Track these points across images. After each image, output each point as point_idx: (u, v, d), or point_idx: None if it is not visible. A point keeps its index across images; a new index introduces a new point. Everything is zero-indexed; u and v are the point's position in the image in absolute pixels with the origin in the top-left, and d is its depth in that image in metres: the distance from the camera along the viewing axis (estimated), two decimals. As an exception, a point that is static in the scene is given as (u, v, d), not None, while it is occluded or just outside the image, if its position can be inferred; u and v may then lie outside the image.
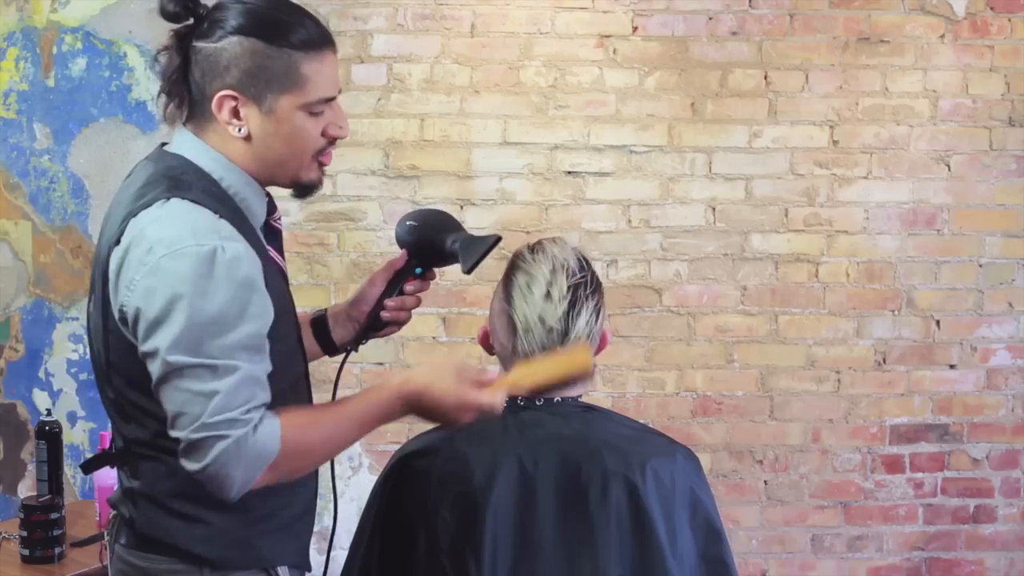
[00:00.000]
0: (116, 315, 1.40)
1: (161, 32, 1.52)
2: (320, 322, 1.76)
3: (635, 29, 3.23)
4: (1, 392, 3.31)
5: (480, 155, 3.23)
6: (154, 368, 1.35)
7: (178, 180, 1.43)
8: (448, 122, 3.23)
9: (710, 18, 3.23)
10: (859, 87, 3.26)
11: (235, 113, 1.44)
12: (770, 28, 3.24)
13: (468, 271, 1.62)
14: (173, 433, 1.35)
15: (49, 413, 2.65)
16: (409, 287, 1.71)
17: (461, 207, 3.23)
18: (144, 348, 1.36)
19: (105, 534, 1.64)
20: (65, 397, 3.28)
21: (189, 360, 1.32)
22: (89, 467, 1.58)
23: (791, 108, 3.26)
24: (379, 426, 1.49)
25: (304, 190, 1.54)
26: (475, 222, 3.22)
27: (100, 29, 3.23)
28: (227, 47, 1.42)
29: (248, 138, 1.46)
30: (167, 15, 1.45)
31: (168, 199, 1.39)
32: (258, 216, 1.53)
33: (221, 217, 1.39)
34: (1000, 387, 3.35)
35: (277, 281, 1.52)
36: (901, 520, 3.35)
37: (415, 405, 1.47)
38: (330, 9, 3.15)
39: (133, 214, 1.39)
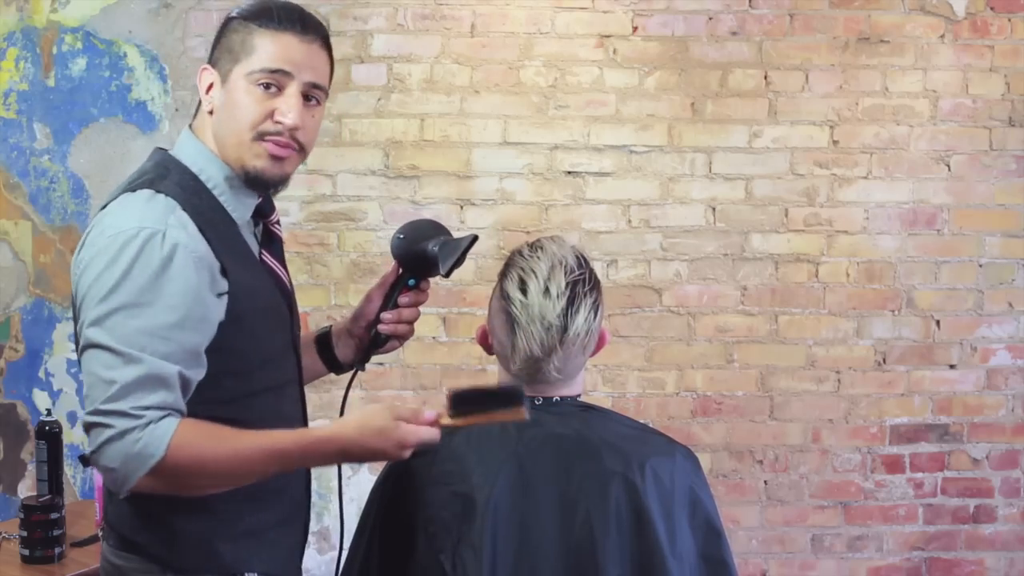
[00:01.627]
0: (73, 298, 1.44)
1: (161, 32, 1.55)
2: (323, 340, 1.76)
3: (635, 29, 3.23)
4: (1, 392, 3.31)
5: (480, 155, 3.23)
6: (77, 344, 1.39)
7: (156, 175, 1.46)
8: (448, 122, 3.23)
9: (710, 18, 3.23)
10: (859, 87, 3.26)
11: (209, 88, 1.51)
12: (770, 28, 3.24)
13: (445, 274, 1.62)
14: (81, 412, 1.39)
15: (49, 413, 2.65)
16: (403, 299, 1.71)
17: (461, 207, 3.24)
18: (76, 324, 1.40)
19: (99, 532, 1.66)
20: (65, 397, 3.28)
21: (100, 340, 1.34)
22: (87, 460, 1.59)
23: (791, 108, 3.26)
24: (300, 467, 1.47)
25: (253, 180, 1.50)
26: (475, 222, 3.22)
27: (100, 29, 3.23)
28: (220, 29, 1.52)
29: (211, 112, 1.51)
30: None
31: (135, 191, 1.42)
32: (240, 211, 1.53)
33: (184, 209, 1.41)
34: (1000, 387, 3.35)
35: (259, 281, 1.51)
36: (901, 520, 3.35)
37: (345, 457, 1.42)
38: (330, 9, 3.15)
39: (104, 206, 1.44)
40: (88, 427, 1.34)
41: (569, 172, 3.25)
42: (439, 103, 3.22)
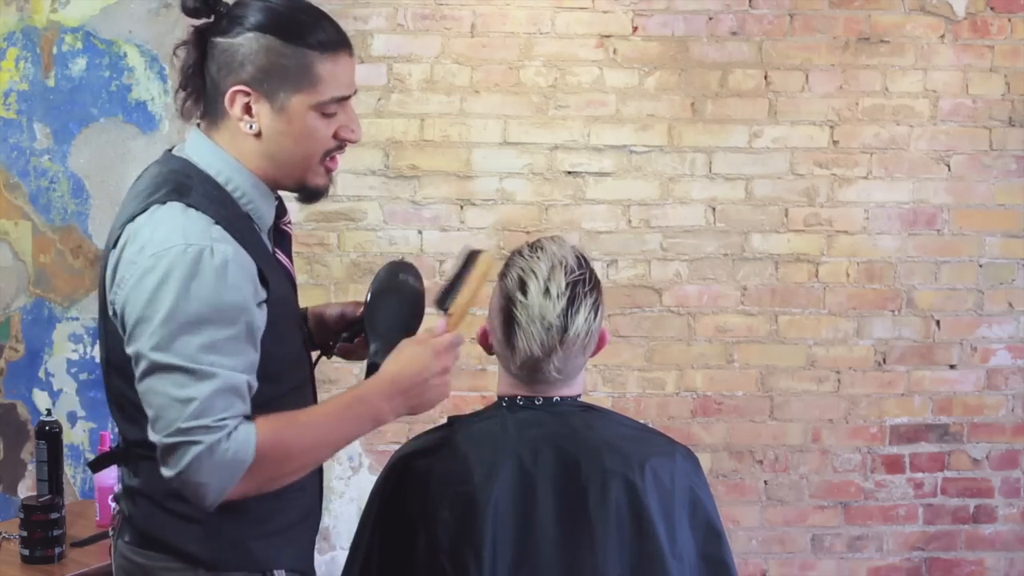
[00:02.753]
0: (110, 314, 1.41)
1: (161, 32, 1.53)
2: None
3: (635, 29, 3.23)
4: (1, 392, 3.31)
5: (480, 155, 3.23)
6: (138, 367, 1.35)
7: (178, 184, 1.43)
8: (448, 122, 3.23)
9: (710, 18, 3.23)
10: (859, 87, 3.26)
11: (247, 109, 1.45)
12: (770, 28, 3.24)
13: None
14: (151, 435, 1.34)
15: (49, 413, 2.65)
16: (339, 347, 1.74)
17: (461, 207, 3.24)
18: (129, 346, 1.37)
19: (110, 530, 1.65)
20: (65, 397, 3.28)
21: (168, 360, 1.32)
22: (96, 466, 1.59)
23: (791, 108, 3.26)
24: (366, 429, 1.48)
25: (310, 195, 1.54)
26: (475, 222, 3.23)
27: (100, 29, 3.23)
28: (244, 43, 1.43)
29: (259, 135, 1.46)
30: (188, 11, 1.46)
31: (165, 203, 1.40)
32: (266, 219, 1.53)
33: (217, 223, 1.39)
34: (1000, 387, 3.35)
35: (283, 285, 1.52)
36: (901, 520, 3.35)
37: (400, 391, 1.46)
38: (330, 9, 3.10)
39: (131, 218, 1.41)
40: (170, 448, 1.32)
41: (569, 172, 3.25)
42: (439, 103, 3.22)
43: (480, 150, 3.23)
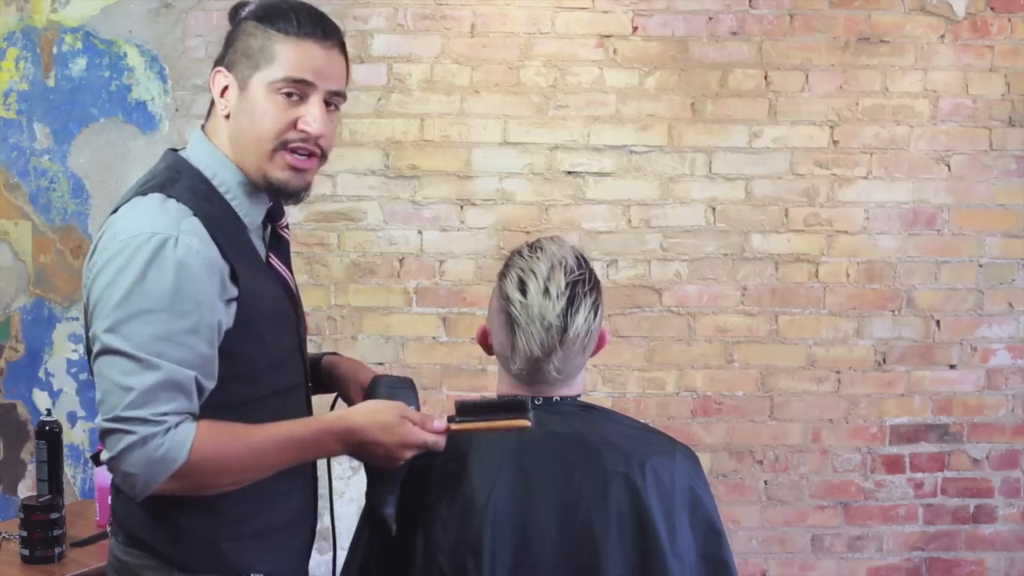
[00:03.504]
0: (84, 301, 1.43)
1: (161, 32, 1.55)
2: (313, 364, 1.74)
3: (635, 29, 3.23)
4: (1, 392, 3.31)
5: (480, 155, 3.23)
6: (92, 348, 1.38)
7: (167, 179, 1.45)
8: (448, 122, 3.23)
9: (710, 18, 3.23)
10: (859, 87, 3.26)
11: (223, 91, 1.49)
12: (770, 28, 3.24)
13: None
14: (96, 418, 1.37)
15: (49, 413, 2.65)
16: None
17: (461, 207, 3.24)
18: (89, 329, 1.39)
19: (108, 530, 1.66)
20: (65, 397, 3.28)
21: (116, 345, 1.34)
22: (99, 459, 1.60)
23: (791, 108, 3.26)
24: (312, 459, 1.48)
25: (276, 191, 1.51)
26: (475, 222, 3.22)
27: (100, 29, 3.23)
28: (231, 29, 1.50)
29: (228, 117, 1.49)
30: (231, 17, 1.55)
31: (146, 194, 1.42)
32: (252, 216, 1.52)
33: (195, 215, 1.40)
34: (1000, 387, 3.35)
35: (268, 286, 1.51)
36: (901, 520, 3.35)
37: (349, 442, 1.44)
38: (330, 9, 3.12)
39: (115, 209, 1.44)
40: (106, 432, 1.34)
41: (569, 172, 3.25)
42: (439, 103, 3.22)
43: (480, 150, 3.23)
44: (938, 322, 3.33)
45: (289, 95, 1.46)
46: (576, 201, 3.25)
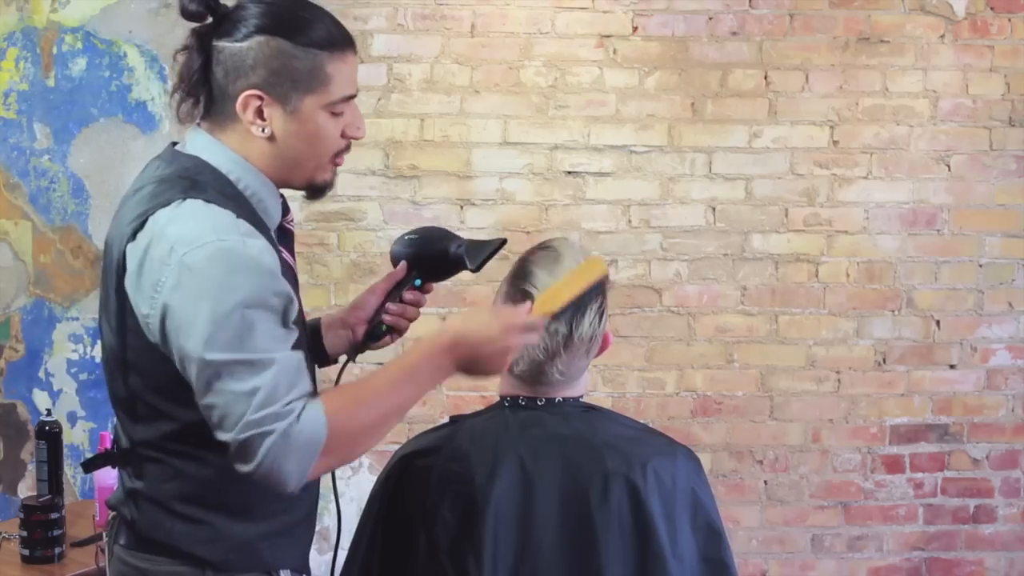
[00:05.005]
0: (140, 317, 1.38)
1: (161, 32, 1.52)
2: (312, 330, 1.74)
3: (635, 29, 3.23)
4: (1, 392, 3.31)
5: (480, 155, 3.23)
6: (192, 370, 1.33)
7: (194, 181, 1.42)
8: (448, 122, 3.23)
9: (710, 18, 3.23)
10: (859, 87, 3.26)
11: (259, 113, 1.44)
12: (770, 28, 3.24)
13: (476, 269, 1.63)
14: (220, 436, 1.32)
15: (49, 413, 2.65)
16: (408, 296, 1.73)
17: (461, 207, 3.24)
18: (177, 350, 1.34)
19: (104, 535, 1.63)
20: (65, 397, 3.28)
21: (225, 357, 1.31)
22: (90, 466, 1.58)
23: (791, 108, 3.26)
24: (430, 386, 1.46)
25: (317, 191, 1.54)
26: (475, 222, 3.22)
27: (100, 29, 3.22)
28: (253, 46, 1.42)
29: (271, 138, 1.45)
30: (188, 15, 1.43)
31: (184, 199, 1.38)
32: (273, 217, 1.52)
33: (239, 217, 1.39)
34: (1000, 387, 3.35)
35: (290, 282, 1.51)
36: (901, 520, 3.35)
37: (462, 350, 1.45)
38: (330, 9, 3.14)
39: (151, 211, 1.38)
40: (244, 443, 1.30)
41: (569, 172, 3.25)
42: (439, 103, 3.22)
43: (480, 150, 3.23)
44: (938, 322, 3.33)
45: (342, 112, 1.48)
46: (576, 201, 3.25)
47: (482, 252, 1.64)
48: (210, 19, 1.45)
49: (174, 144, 1.52)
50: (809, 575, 3.34)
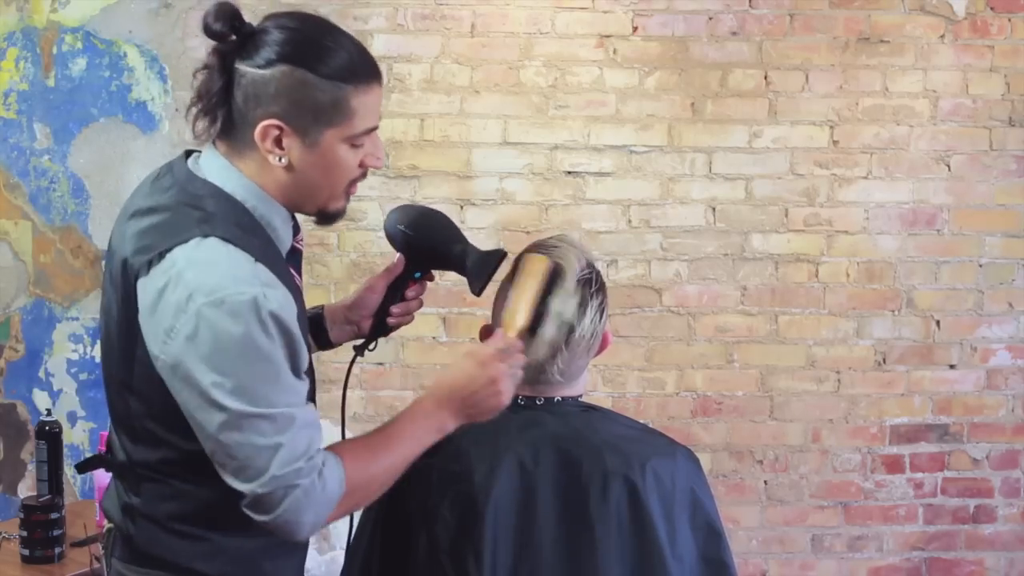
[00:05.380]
0: (151, 356, 1.36)
1: (161, 32, 1.51)
2: (315, 320, 1.74)
3: (635, 29, 3.23)
4: (1, 392, 3.31)
5: (480, 155, 3.23)
6: (207, 419, 1.32)
7: (210, 214, 1.38)
8: (448, 122, 3.23)
9: (710, 18, 3.23)
10: (859, 87, 3.26)
11: (278, 142, 1.40)
12: (770, 28, 3.24)
13: (478, 293, 1.62)
14: (235, 485, 1.33)
15: (49, 413, 2.65)
16: (410, 292, 1.72)
17: (461, 207, 3.24)
18: (186, 398, 1.33)
19: (100, 546, 1.63)
20: (65, 397, 3.28)
21: (248, 409, 1.30)
22: (84, 467, 1.58)
23: (791, 108, 3.26)
24: (432, 440, 1.47)
25: (329, 219, 1.52)
26: (475, 222, 3.22)
27: (100, 29, 3.22)
28: (276, 75, 1.37)
29: (288, 167, 1.42)
30: (212, 34, 1.38)
31: (204, 237, 1.34)
32: (285, 244, 1.50)
33: (258, 260, 1.36)
34: (1000, 387, 3.35)
35: (298, 303, 1.50)
36: (901, 520, 3.35)
37: (452, 401, 1.47)
38: (330, 9, 3.15)
39: (168, 248, 1.34)
40: (266, 496, 1.32)
41: (569, 172, 3.25)
42: (439, 103, 3.22)
43: (480, 150, 3.23)
44: (938, 322, 3.33)
45: (362, 143, 1.45)
46: (576, 201, 3.25)
47: (485, 270, 1.62)
48: (233, 37, 1.40)
49: (187, 154, 1.49)
50: (809, 575, 3.34)
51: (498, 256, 1.63)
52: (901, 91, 3.27)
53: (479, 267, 1.62)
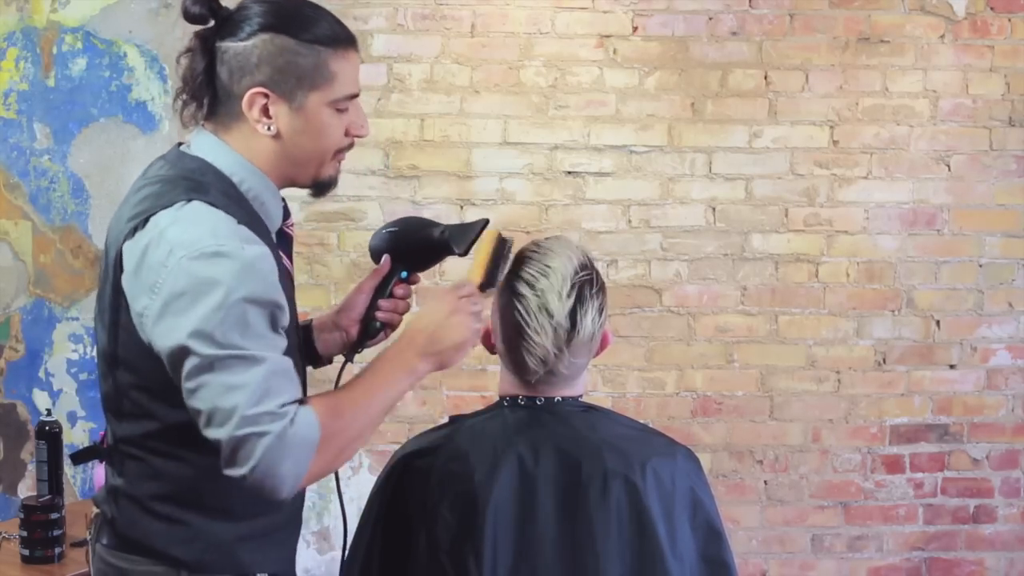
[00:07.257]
0: (134, 315, 1.38)
1: (161, 32, 1.52)
2: (303, 331, 1.75)
3: (635, 29, 3.23)
4: (1, 392, 3.31)
5: (480, 155, 3.23)
6: (184, 367, 1.32)
7: (197, 183, 1.42)
8: (448, 122, 3.23)
9: (710, 18, 3.23)
10: (859, 87, 3.26)
11: (265, 111, 1.44)
12: (770, 28, 3.24)
13: (464, 253, 1.63)
14: (210, 434, 1.31)
15: (49, 413, 2.65)
16: (398, 290, 1.73)
17: (461, 207, 3.24)
18: (168, 348, 1.34)
19: (87, 533, 1.64)
20: (65, 397, 3.29)
21: (217, 352, 1.30)
22: (78, 458, 1.59)
23: (791, 108, 3.26)
24: (406, 386, 1.48)
25: (322, 187, 1.56)
26: (475, 222, 3.22)
27: (100, 29, 3.23)
28: (257, 44, 1.43)
29: (277, 136, 1.46)
30: (190, 17, 1.44)
31: (188, 201, 1.38)
32: (275, 220, 1.53)
33: (240, 223, 1.39)
34: (1000, 387, 3.35)
35: (287, 286, 1.51)
36: (901, 520, 3.35)
37: (415, 341, 1.48)
38: (330, 9, 3.14)
39: (152, 211, 1.38)
40: (239, 442, 1.29)
41: (569, 172, 3.25)
42: (439, 103, 3.22)
43: (480, 150, 3.23)
44: (938, 322, 3.33)
45: (346, 109, 1.50)
46: (576, 201, 3.25)
47: (467, 235, 1.64)
48: (212, 22, 1.45)
49: (179, 145, 1.52)
50: (809, 575, 3.34)
51: (480, 223, 1.64)
52: (901, 91, 3.27)
53: (461, 232, 1.65)
